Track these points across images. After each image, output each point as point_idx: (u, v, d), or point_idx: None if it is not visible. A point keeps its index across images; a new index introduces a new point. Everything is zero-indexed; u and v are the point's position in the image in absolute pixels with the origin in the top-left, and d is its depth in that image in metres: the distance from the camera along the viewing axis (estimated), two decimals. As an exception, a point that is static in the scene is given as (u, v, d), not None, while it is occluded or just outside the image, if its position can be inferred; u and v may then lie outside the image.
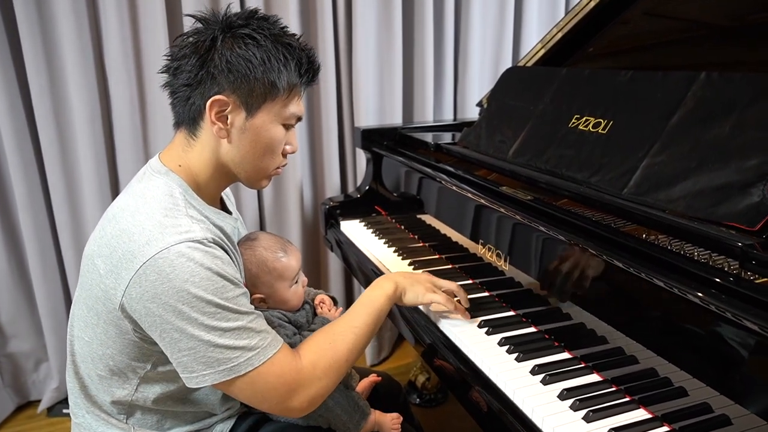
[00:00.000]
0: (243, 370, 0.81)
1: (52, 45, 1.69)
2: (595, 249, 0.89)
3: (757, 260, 0.70)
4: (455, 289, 1.09)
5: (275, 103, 0.88)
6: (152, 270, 0.77)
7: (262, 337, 0.83)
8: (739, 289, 0.70)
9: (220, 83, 0.84)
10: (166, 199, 0.84)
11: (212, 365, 0.80)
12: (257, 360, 0.81)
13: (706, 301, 0.73)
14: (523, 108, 1.33)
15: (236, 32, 0.85)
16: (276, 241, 1.06)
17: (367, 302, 0.99)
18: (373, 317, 0.97)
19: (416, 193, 1.53)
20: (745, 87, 0.87)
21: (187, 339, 0.79)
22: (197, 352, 0.79)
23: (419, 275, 1.09)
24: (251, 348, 0.81)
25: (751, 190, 0.78)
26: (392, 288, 1.01)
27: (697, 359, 0.77)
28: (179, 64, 0.86)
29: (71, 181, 1.80)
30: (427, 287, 1.05)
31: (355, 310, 0.98)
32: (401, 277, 1.05)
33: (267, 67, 0.85)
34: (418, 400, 2.00)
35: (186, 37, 0.87)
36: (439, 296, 1.05)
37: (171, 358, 0.82)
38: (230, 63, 0.83)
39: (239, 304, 0.82)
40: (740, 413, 0.72)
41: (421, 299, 1.04)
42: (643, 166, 0.95)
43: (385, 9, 1.98)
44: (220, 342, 0.79)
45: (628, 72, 1.10)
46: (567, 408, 0.82)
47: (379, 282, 1.03)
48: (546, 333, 1.02)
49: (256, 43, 0.84)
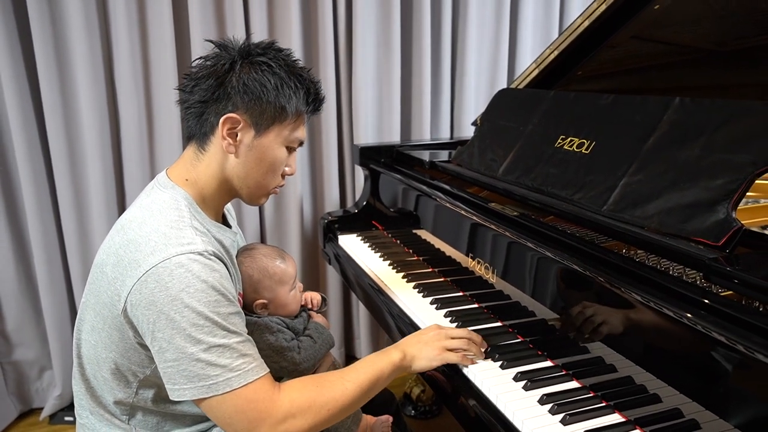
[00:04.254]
0: (220, 390, 0.81)
1: (65, 62, 1.77)
2: (577, 264, 0.94)
3: (720, 273, 0.76)
4: (468, 336, 1.03)
5: (283, 126, 0.95)
6: (153, 278, 0.82)
7: (246, 360, 0.84)
8: (707, 302, 0.74)
9: (235, 102, 0.91)
10: (172, 212, 0.90)
11: (192, 380, 0.82)
12: (236, 382, 0.82)
13: (679, 314, 0.77)
14: (513, 128, 1.39)
15: (254, 59, 0.93)
16: (273, 250, 1.12)
17: (369, 362, 0.96)
18: (369, 379, 0.93)
19: (411, 208, 1.59)
20: (714, 112, 0.93)
21: (173, 350, 0.81)
22: (180, 364, 0.82)
23: (428, 336, 1.02)
24: (232, 368, 0.82)
25: (717, 207, 0.83)
26: (399, 357, 0.97)
27: (672, 368, 0.82)
28: (197, 83, 0.93)
29: (79, 193, 1.87)
30: (439, 348, 0.99)
31: (355, 367, 0.95)
32: (409, 346, 1.00)
33: (279, 92, 0.92)
34: (413, 412, 2.03)
35: (205, 60, 0.95)
36: (452, 356, 0.99)
37: (158, 367, 0.85)
38: (246, 85, 0.91)
39: (230, 322, 0.84)
40: (710, 418, 0.77)
41: (434, 364, 0.99)
42: (622, 185, 1.01)
43: (384, 30, 2.06)
44: (203, 357, 0.81)
45: (610, 96, 1.16)
46: (546, 412, 0.86)
47: (388, 349, 1.00)
48: (530, 343, 1.07)
49: (271, 71, 0.92)
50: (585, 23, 1.48)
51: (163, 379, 0.85)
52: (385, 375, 0.95)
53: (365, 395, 0.93)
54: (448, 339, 1.01)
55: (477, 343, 1.03)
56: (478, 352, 1.02)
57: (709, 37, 1.39)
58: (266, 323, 1.04)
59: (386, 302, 1.34)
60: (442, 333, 1.02)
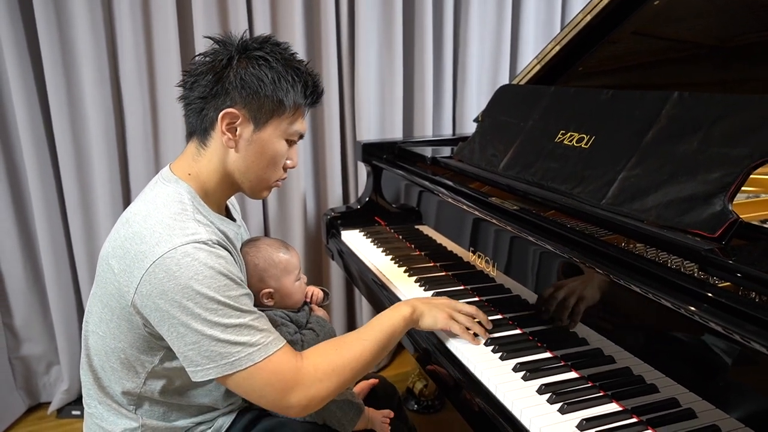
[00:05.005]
0: (244, 365, 0.85)
1: (72, 62, 1.79)
2: (577, 257, 0.95)
3: (715, 264, 0.77)
4: (474, 312, 1.09)
5: (281, 119, 0.96)
6: (161, 269, 0.84)
7: (264, 335, 0.88)
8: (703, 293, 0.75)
9: (233, 98, 0.92)
10: (176, 205, 0.91)
11: (215, 359, 0.85)
12: (258, 356, 0.86)
13: (676, 305, 0.78)
14: (514, 124, 1.40)
15: (251, 54, 0.94)
16: (277, 241, 1.14)
17: (382, 320, 1.01)
18: (385, 334, 0.99)
19: (414, 204, 1.60)
20: (711, 106, 0.94)
21: (192, 333, 0.85)
22: (201, 346, 0.85)
23: (439, 300, 1.09)
24: (252, 344, 0.86)
25: (713, 200, 0.84)
26: (409, 311, 1.03)
27: (671, 359, 0.83)
28: (196, 79, 0.94)
29: (85, 190, 1.89)
30: (447, 313, 1.06)
31: (369, 325, 1.01)
32: (419, 302, 1.07)
33: (277, 86, 0.93)
34: (416, 406, 2.05)
35: (204, 56, 0.96)
36: (457, 326, 1.05)
37: (177, 352, 0.88)
38: (244, 80, 0.92)
39: (241, 303, 0.88)
40: (706, 408, 0.78)
41: (439, 325, 1.05)
42: (621, 179, 1.02)
43: (387, 26, 2.07)
44: (223, 337, 0.85)
45: (609, 91, 1.17)
46: (544, 401, 0.88)
47: (398, 305, 1.06)
48: (530, 335, 1.08)
49: (268, 65, 0.93)
50: (587, 18, 1.49)
51: (183, 363, 0.88)
52: (398, 329, 1.01)
53: (383, 350, 0.99)
54: (457, 311, 1.07)
55: (483, 322, 1.08)
56: (481, 331, 1.06)
57: (710, 33, 1.40)
58: (270, 316, 1.05)
59: (389, 297, 1.35)
60: (452, 303, 1.09)
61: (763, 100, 0.89)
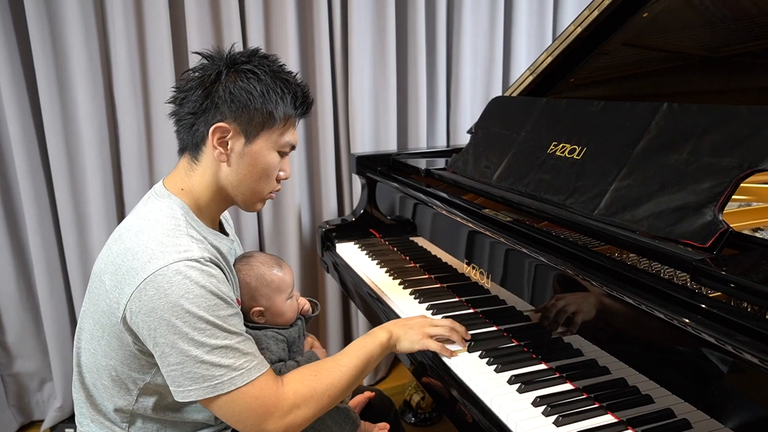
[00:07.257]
0: (225, 389, 0.85)
1: (65, 75, 1.79)
2: (570, 269, 0.95)
3: (706, 275, 0.77)
4: (451, 325, 1.10)
5: (272, 131, 0.96)
6: (152, 286, 0.84)
7: (248, 359, 0.87)
8: (695, 304, 0.76)
9: (223, 112, 0.93)
10: (169, 221, 0.91)
11: (197, 381, 0.84)
12: (240, 381, 0.85)
13: (669, 316, 0.78)
14: (506, 135, 1.41)
15: (239, 68, 0.94)
16: (271, 258, 1.13)
17: (359, 346, 1.02)
18: (362, 360, 0.99)
19: (408, 216, 1.61)
20: (701, 117, 0.95)
21: (177, 353, 0.84)
22: (184, 367, 0.84)
23: (414, 321, 1.10)
24: (236, 368, 0.85)
25: (704, 210, 0.85)
26: (386, 337, 1.05)
27: (665, 369, 0.83)
28: (186, 95, 0.95)
29: (79, 205, 1.88)
30: (422, 333, 1.07)
31: (346, 351, 1.01)
32: (395, 326, 1.08)
33: (266, 98, 0.94)
34: (413, 419, 2.04)
35: (193, 72, 0.96)
36: (433, 344, 1.06)
37: (162, 371, 0.87)
38: (233, 94, 0.92)
39: (230, 324, 0.87)
40: (701, 418, 0.78)
41: (416, 347, 1.06)
42: (612, 190, 1.02)
43: (380, 39, 2.09)
44: (207, 358, 0.84)
45: (600, 102, 1.18)
46: (539, 414, 0.87)
47: (374, 330, 1.07)
48: (525, 346, 1.08)
49: (256, 78, 0.94)
50: (578, 30, 1.51)
51: (167, 381, 0.87)
52: (375, 355, 1.02)
53: (359, 376, 0.99)
54: (432, 327, 1.08)
55: (459, 333, 1.09)
56: (459, 340, 1.08)
57: (699, 44, 1.41)
58: (257, 337, 1.04)
59: (384, 310, 1.35)
60: (426, 321, 1.10)
61: (752, 111, 0.90)
